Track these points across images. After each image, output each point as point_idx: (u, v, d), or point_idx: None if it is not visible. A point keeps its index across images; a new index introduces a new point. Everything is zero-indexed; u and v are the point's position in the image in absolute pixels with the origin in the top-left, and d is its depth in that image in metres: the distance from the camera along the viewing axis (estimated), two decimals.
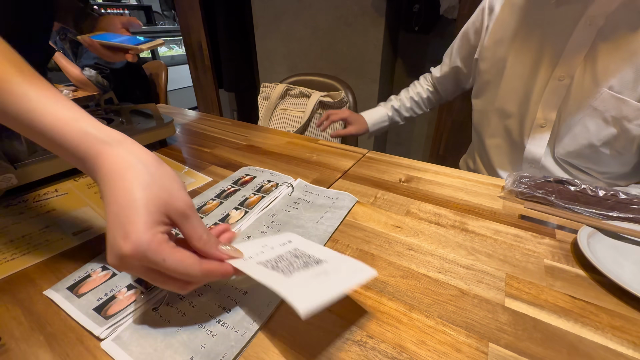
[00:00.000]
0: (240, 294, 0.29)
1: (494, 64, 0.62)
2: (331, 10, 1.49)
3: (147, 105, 0.62)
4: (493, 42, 0.61)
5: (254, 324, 0.26)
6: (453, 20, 1.33)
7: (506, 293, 0.29)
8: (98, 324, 0.26)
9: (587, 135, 0.51)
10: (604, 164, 0.53)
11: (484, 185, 0.48)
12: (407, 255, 0.34)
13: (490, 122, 0.66)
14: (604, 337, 0.25)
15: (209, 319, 0.26)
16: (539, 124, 0.56)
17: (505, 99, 0.61)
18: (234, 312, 0.27)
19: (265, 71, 1.87)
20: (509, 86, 0.60)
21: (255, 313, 0.27)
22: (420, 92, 0.84)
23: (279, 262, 0.26)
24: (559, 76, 0.53)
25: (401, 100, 0.84)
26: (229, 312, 0.27)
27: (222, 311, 0.27)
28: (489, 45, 0.62)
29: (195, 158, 0.58)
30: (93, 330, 0.25)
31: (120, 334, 0.25)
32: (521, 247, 0.35)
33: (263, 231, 0.37)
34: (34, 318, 0.27)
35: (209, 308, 0.27)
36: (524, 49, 0.57)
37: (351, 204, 0.43)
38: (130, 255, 0.20)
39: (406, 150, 1.85)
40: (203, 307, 0.27)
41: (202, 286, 0.29)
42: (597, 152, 0.52)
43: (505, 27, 0.59)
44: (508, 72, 0.59)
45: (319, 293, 0.21)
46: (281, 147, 0.63)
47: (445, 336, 0.25)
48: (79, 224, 0.39)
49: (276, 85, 1.10)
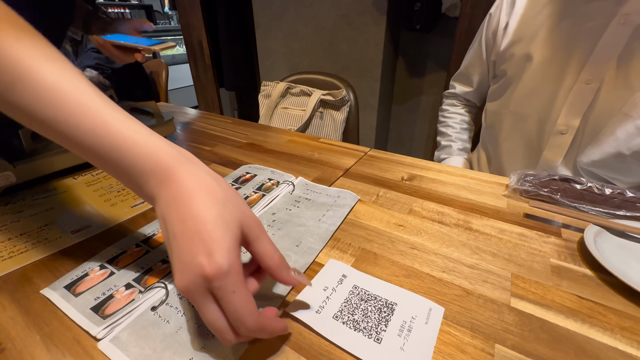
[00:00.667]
0: None
1: (513, 64, 0.58)
2: (332, 9, 1.49)
3: (147, 103, 0.62)
4: (513, 41, 0.58)
5: None
6: (455, 19, 1.32)
7: (512, 293, 0.29)
8: (95, 324, 0.25)
9: (615, 144, 0.48)
10: (631, 174, 0.50)
11: (487, 183, 0.48)
12: (410, 254, 0.34)
13: (504, 124, 0.62)
14: (612, 338, 0.25)
15: None
16: (559, 130, 0.54)
17: (523, 101, 0.58)
18: None
19: (266, 70, 1.86)
20: (529, 88, 0.56)
21: None
22: (464, 119, 0.77)
23: (353, 314, 0.26)
24: (586, 79, 0.49)
25: (458, 138, 0.76)
26: None
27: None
28: (508, 45, 0.58)
29: (195, 156, 0.58)
30: (90, 330, 0.25)
31: (118, 334, 0.25)
32: (526, 246, 0.35)
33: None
34: (31, 317, 0.26)
35: None
36: (547, 49, 0.53)
37: (353, 202, 0.42)
38: (211, 277, 0.19)
39: (407, 149, 1.85)
40: None
41: None
42: (625, 162, 0.49)
43: (527, 24, 0.56)
44: (528, 74, 0.56)
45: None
46: (282, 145, 0.62)
47: (450, 337, 0.25)
48: (78, 222, 0.39)
49: (277, 84, 1.09)
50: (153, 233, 0.36)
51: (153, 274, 0.30)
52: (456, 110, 0.78)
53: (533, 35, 0.55)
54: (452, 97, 0.79)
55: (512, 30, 0.58)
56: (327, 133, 1.05)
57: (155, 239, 0.35)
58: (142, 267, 0.31)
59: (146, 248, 0.34)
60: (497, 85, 0.64)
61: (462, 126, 0.77)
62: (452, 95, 0.79)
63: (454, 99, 0.79)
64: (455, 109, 0.78)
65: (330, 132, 1.05)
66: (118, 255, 0.33)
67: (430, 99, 1.65)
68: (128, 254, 0.33)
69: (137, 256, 0.33)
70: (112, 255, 0.33)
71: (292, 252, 0.33)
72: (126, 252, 0.33)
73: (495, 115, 0.65)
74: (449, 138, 0.76)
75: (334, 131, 1.05)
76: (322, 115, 1.06)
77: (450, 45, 1.37)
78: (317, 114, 1.05)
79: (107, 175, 0.50)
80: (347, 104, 1.04)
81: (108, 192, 0.45)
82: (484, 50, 0.66)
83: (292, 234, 0.36)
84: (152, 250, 0.33)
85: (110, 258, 0.32)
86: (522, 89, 0.58)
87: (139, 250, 0.33)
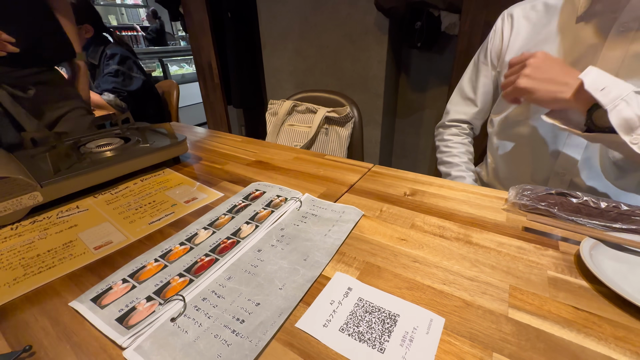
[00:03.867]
0: (253, 305, 0.30)
1: None
2: (336, 29, 1.55)
3: (162, 125, 0.66)
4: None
5: (267, 334, 0.27)
6: (454, 36, 1.37)
7: (510, 304, 0.30)
8: (120, 334, 0.27)
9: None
10: None
11: (487, 198, 0.49)
12: (413, 267, 0.35)
13: (515, 131, 0.63)
14: (607, 347, 0.26)
15: (224, 329, 0.28)
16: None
17: (534, 110, 0.59)
18: (248, 323, 0.28)
19: (273, 88, 1.92)
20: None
21: (268, 323, 0.28)
22: (469, 150, 0.76)
23: (358, 326, 0.28)
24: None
25: (469, 169, 0.74)
26: (243, 322, 0.28)
27: (236, 322, 0.28)
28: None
29: (206, 174, 0.61)
30: (116, 340, 0.27)
31: (141, 344, 0.27)
32: (525, 259, 0.36)
33: (273, 244, 0.39)
34: (61, 328, 0.29)
35: (223, 319, 0.29)
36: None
37: (357, 217, 0.44)
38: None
39: (412, 163, 1.86)
40: (219, 318, 0.29)
41: (215, 297, 0.31)
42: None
43: (527, 42, 0.58)
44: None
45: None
46: (289, 162, 0.65)
47: (450, 346, 0.26)
48: (100, 238, 0.41)
49: (283, 102, 1.13)
50: (170, 248, 0.39)
51: (171, 287, 0.32)
52: (460, 140, 0.76)
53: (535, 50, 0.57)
54: (453, 126, 0.77)
55: (515, 48, 0.60)
56: (333, 148, 1.08)
57: (172, 254, 0.38)
58: (161, 280, 0.33)
59: (164, 263, 0.36)
60: (503, 102, 0.65)
61: (468, 157, 0.75)
62: (453, 125, 0.77)
63: (456, 128, 0.77)
64: (459, 139, 0.76)
65: (335, 148, 1.08)
66: (138, 269, 0.35)
67: (433, 112, 1.68)
68: (148, 269, 0.35)
69: (156, 270, 0.35)
70: (133, 270, 0.35)
71: (300, 266, 0.35)
72: (146, 266, 0.36)
73: (506, 123, 0.66)
74: (460, 168, 0.73)
75: (339, 146, 1.08)
76: (328, 131, 1.09)
77: (450, 61, 1.41)
78: (322, 130, 1.09)
79: (125, 193, 0.53)
80: (351, 120, 1.07)
81: (127, 210, 0.48)
82: (490, 68, 0.67)
83: (300, 249, 0.38)
84: (169, 265, 0.36)
85: (131, 272, 0.35)
86: (530, 104, 0.59)
87: (157, 265, 0.36)
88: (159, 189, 0.54)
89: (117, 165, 0.54)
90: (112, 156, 0.56)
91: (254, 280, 0.33)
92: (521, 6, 0.61)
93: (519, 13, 0.61)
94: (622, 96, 0.40)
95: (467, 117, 0.75)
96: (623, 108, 0.40)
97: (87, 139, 0.62)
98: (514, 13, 0.61)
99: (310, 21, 1.60)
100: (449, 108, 0.78)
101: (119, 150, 0.58)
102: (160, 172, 0.61)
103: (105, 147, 0.58)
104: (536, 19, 0.58)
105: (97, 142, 0.60)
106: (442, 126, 0.80)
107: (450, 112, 0.77)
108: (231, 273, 0.35)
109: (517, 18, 0.61)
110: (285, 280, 0.33)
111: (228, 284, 0.33)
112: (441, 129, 0.81)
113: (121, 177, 0.56)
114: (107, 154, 0.56)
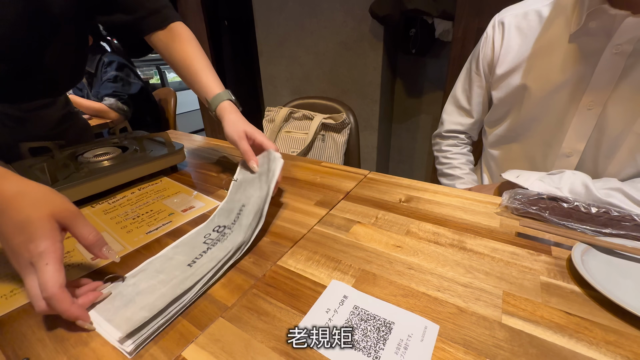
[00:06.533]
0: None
1: (511, 93, 0.59)
2: (332, 36, 1.57)
3: (160, 134, 0.66)
4: (506, 70, 0.59)
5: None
6: (448, 43, 1.39)
7: (503, 310, 0.31)
8: (120, 342, 0.27)
9: (634, 163, 0.48)
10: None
11: (481, 203, 0.50)
12: (407, 274, 0.36)
13: (507, 146, 0.63)
14: (598, 352, 0.26)
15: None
16: (565, 153, 0.54)
17: (526, 126, 0.59)
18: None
19: (270, 95, 1.94)
20: (530, 115, 0.57)
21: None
22: (469, 159, 0.76)
23: (354, 334, 0.28)
24: (587, 104, 0.50)
25: (472, 180, 0.75)
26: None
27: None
28: (502, 74, 0.60)
29: (204, 182, 0.61)
30: (119, 348, 0.27)
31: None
32: (518, 265, 0.37)
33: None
34: (57, 340, 0.29)
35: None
36: (544, 81, 0.54)
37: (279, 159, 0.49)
38: (32, 253, 0.27)
39: (409, 167, 1.88)
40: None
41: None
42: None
43: (519, 55, 0.57)
44: (528, 103, 0.57)
45: None
46: (285, 170, 0.66)
47: (445, 353, 0.27)
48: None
49: (280, 109, 1.14)
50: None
51: None
52: (459, 150, 0.76)
53: (529, 68, 0.56)
54: (450, 137, 0.77)
55: (507, 60, 0.60)
56: (329, 155, 1.09)
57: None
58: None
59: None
60: (497, 112, 0.65)
61: (469, 167, 0.75)
62: (450, 136, 0.77)
63: (453, 139, 0.77)
64: (458, 149, 0.76)
65: (332, 154, 1.09)
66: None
67: (429, 117, 1.70)
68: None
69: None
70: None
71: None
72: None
73: (497, 138, 0.66)
74: (463, 181, 0.73)
75: (336, 153, 1.09)
76: (324, 137, 1.10)
77: (444, 66, 1.43)
78: (319, 136, 1.10)
79: (122, 203, 0.53)
80: (348, 126, 1.08)
81: (124, 220, 0.48)
82: (483, 78, 0.67)
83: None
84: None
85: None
86: (522, 116, 0.59)
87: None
88: (157, 198, 0.54)
89: (115, 175, 0.55)
90: (109, 165, 0.56)
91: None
92: (513, 13, 0.60)
93: (510, 21, 0.60)
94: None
95: (463, 127, 0.74)
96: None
97: (84, 148, 0.63)
98: (505, 21, 0.60)
99: (306, 29, 1.62)
100: (444, 118, 0.77)
101: (116, 159, 0.58)
102: (158, 180, 0.61)
103: (103, 157, 0.58)
104: (528, 30, 0.57)
105: (95, 152, 0.60)
106: (439, 136, 0.80)
107: (446, 122, 0.77)
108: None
109: (508, 27, 0.60)
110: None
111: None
112: (439, 139, 0.80)
113: (119, 187, 0.57)
114: (104, 163, 0.57)
